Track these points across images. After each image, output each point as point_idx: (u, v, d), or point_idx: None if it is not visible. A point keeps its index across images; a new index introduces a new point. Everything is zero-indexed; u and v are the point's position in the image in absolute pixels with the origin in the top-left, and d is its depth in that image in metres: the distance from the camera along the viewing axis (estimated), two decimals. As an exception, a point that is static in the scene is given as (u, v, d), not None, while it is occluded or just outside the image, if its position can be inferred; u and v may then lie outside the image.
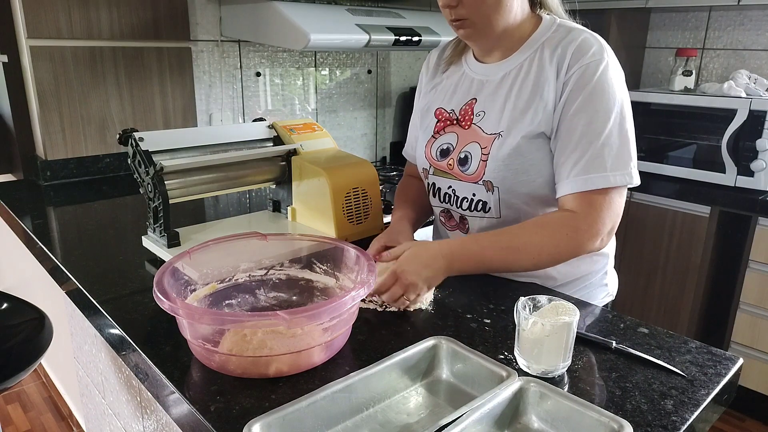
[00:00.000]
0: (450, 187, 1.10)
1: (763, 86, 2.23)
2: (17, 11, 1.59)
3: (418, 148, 1.17)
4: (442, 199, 1.13)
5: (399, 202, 1.23)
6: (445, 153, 1.09)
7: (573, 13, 1.07)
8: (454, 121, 1.09)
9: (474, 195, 1.06)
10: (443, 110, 1.11)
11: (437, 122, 1.12)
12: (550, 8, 1.04)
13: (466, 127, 1.06)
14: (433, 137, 1.12)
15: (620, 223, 0.98)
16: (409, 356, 0.76)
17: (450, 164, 1.08)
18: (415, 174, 1.25)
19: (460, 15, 0.97)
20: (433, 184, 1.13)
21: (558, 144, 0.97)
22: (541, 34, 1.01)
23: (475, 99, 1.07)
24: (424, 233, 1.82)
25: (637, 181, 0.95)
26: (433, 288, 0.98)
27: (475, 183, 1.05)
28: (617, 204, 0.96)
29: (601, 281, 1.15)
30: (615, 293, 1.20)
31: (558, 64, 0.97)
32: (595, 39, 0.97)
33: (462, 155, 1.06)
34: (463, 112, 1.08)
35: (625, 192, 0.97)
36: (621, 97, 0.95)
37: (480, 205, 1.06)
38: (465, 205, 1.08)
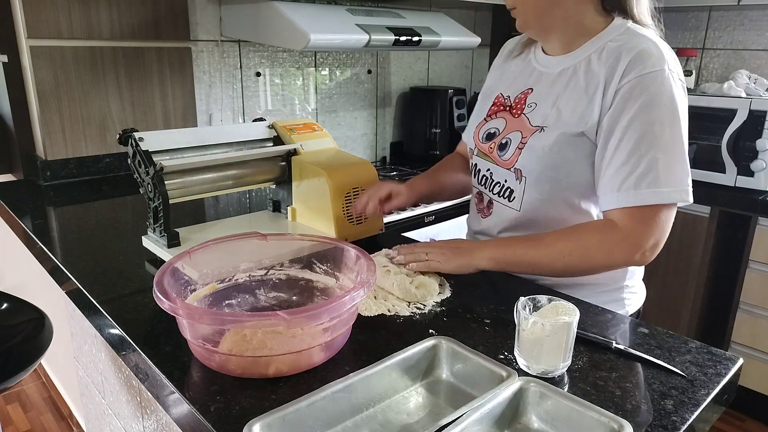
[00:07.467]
0: (488, 170, 1.12)
1: (763, 86, 2.23)
2: (17, 11, 1.59)
3: (468, 128, 1.21)
4: (480, 181, 1.16)
5: (428, 171, 1.28)
6: (490, 137, 1.12)
7: (659, 11, 1.02)
8: (507, 108, 1.11)
9: (506, 181, 1.08)
10: (501, 95, 1.13)
11: (492, 106, 1.14)
12: (630, 13, 0.99)
13: (516, 116, 1.08)
14: (485, 120, 1.15)
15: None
16: (409, 356, 0.76)
17: (491, 148, 1.11)
18: (462, 152, 1.32)
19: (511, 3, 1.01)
20: (475, 165, 1.17)
21: (606, 154, 0.94)
22: (606, 35, 0.98)
23: (531, 89, 1.07)
24: (457, 223, 1.85)
25: (690, 199, 0.91)
26: (437, 288, 0.98)
27: (507, 169, 1.07)
28: (665, 220, 0.92)
29: (618, 295, 1.09)
30: (633, 312, 1.11)
31: (611, 70, 0.94)
32: (657, 48, 0.93)
33: (503, 141, 1.08)
34: (517, 101, 1.09)
35: (675, 208, 0.93)
36: (678, 110, 0.91)
37: (507, 193, 1.08)
38: (496, 189, 1.11)
